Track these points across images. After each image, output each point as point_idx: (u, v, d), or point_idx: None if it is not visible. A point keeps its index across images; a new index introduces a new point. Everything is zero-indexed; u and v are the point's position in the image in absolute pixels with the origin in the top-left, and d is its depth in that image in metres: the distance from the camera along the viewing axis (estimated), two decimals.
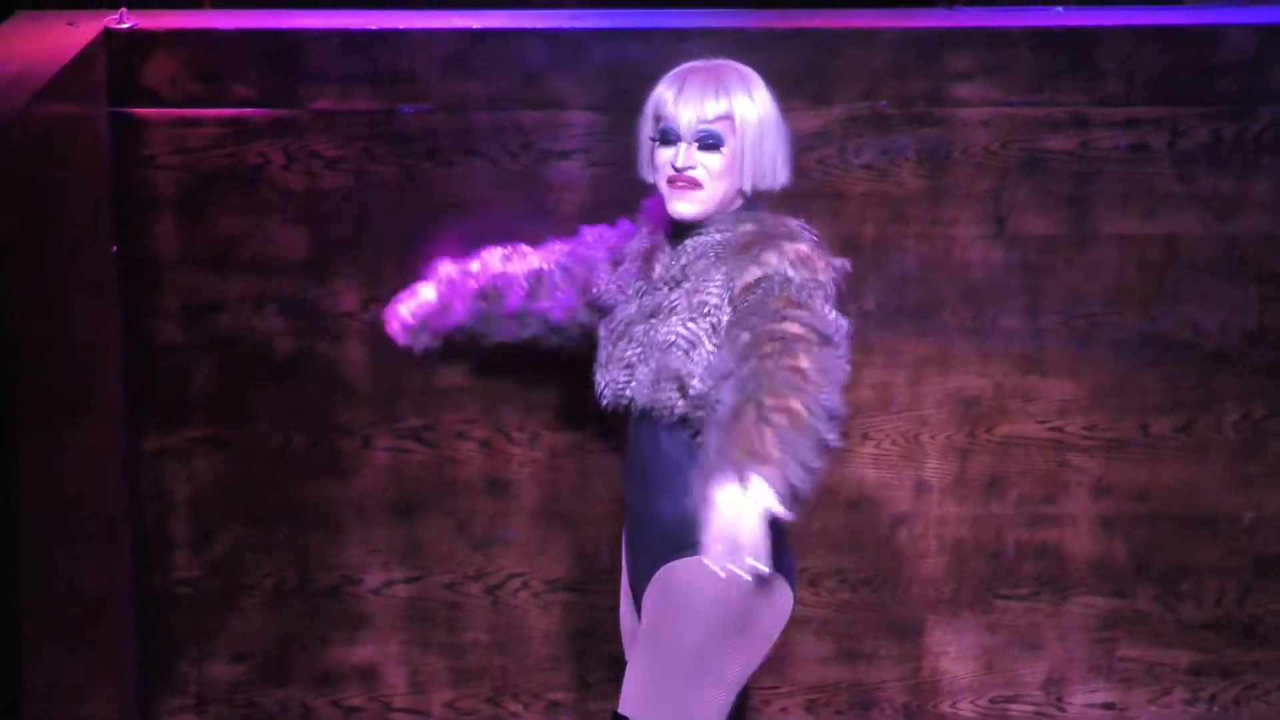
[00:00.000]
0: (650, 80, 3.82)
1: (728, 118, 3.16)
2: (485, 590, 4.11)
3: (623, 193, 3.80)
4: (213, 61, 3.98)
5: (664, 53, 3.89)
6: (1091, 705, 4.14)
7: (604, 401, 3.23)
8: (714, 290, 3.13)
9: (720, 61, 3.24)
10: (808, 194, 3.95)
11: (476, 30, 4.00)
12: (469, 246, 3.86)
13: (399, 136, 3.98)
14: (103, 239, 3.97)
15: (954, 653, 4.13)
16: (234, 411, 4.07)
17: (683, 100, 3.16)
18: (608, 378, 3.22)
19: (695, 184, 3.16)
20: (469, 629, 4.12)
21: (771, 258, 3.10)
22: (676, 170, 3.16)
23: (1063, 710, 4.14)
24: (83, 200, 3.87)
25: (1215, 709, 4.15)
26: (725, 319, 3.10)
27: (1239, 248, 4.01)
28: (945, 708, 4.15)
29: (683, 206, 3.18)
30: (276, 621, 4.14)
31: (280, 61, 3.98)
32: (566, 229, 3.82)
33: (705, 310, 3.13)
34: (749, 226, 3.17)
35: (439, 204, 4.00)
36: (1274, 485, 4.07)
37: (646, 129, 3.22)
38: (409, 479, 4.08)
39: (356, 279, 4.03)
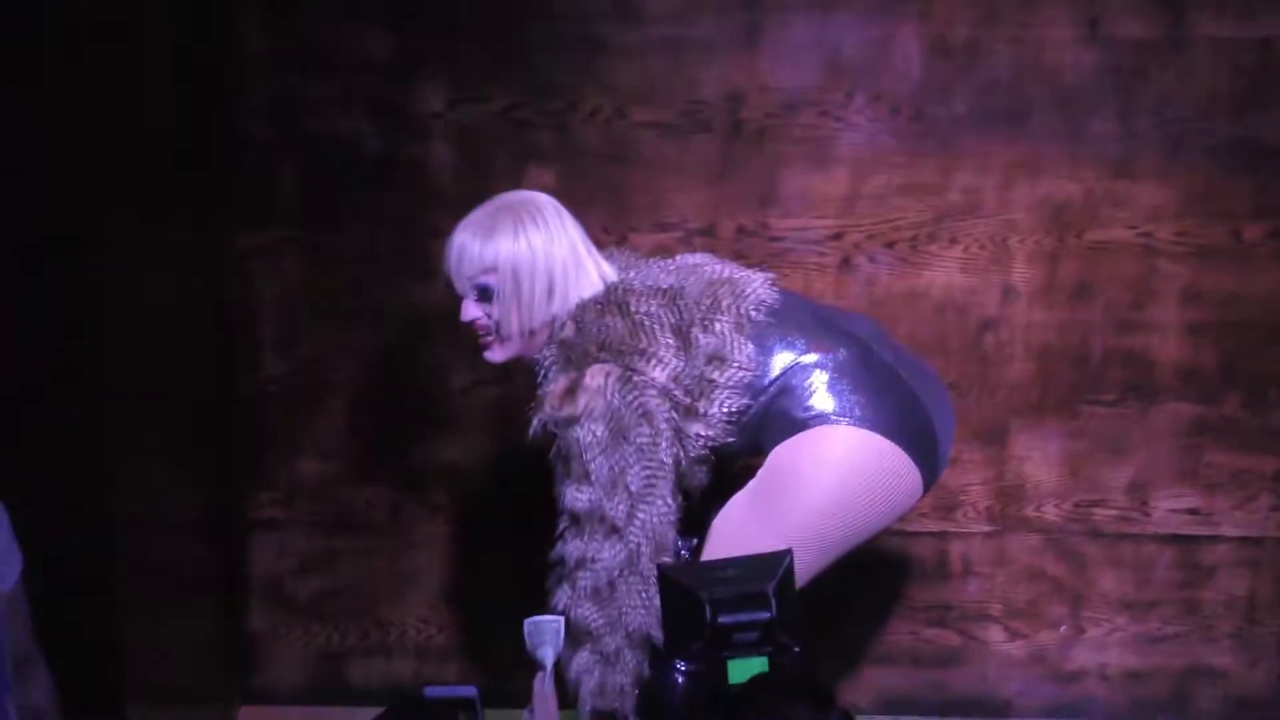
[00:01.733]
0: None
1: (493, 268, 3.23)
2: None
3: None
4: None
5: None
6: (1176, 510, 4.11)
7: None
8: None
9: (500, 202, 3.30)
10: None
11: None
12: (553, 48, 3.83)
13: None
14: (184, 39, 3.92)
15: (1038, 458, 4.10)
16: (320, 213, 4.05)
17: (454, 257, 3.27)
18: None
19: (488, 331, 3.28)
20: None
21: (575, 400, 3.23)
22: (473, 323, 3.29)
23: (1147, 515, 4.11)
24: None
25: None
26: None
27: None
28: (1029, 511, 4.13)
29: (490, 355, 3.32)
30: (364, 421, 4.15)
31: None
32: (653, 31, 3.78)
33: None
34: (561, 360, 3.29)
35: (523, 3, 3.92)
36: None
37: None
38: None
39: (442, 80, 3.97)
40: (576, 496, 3.19)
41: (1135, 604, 4.15)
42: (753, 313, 3.28)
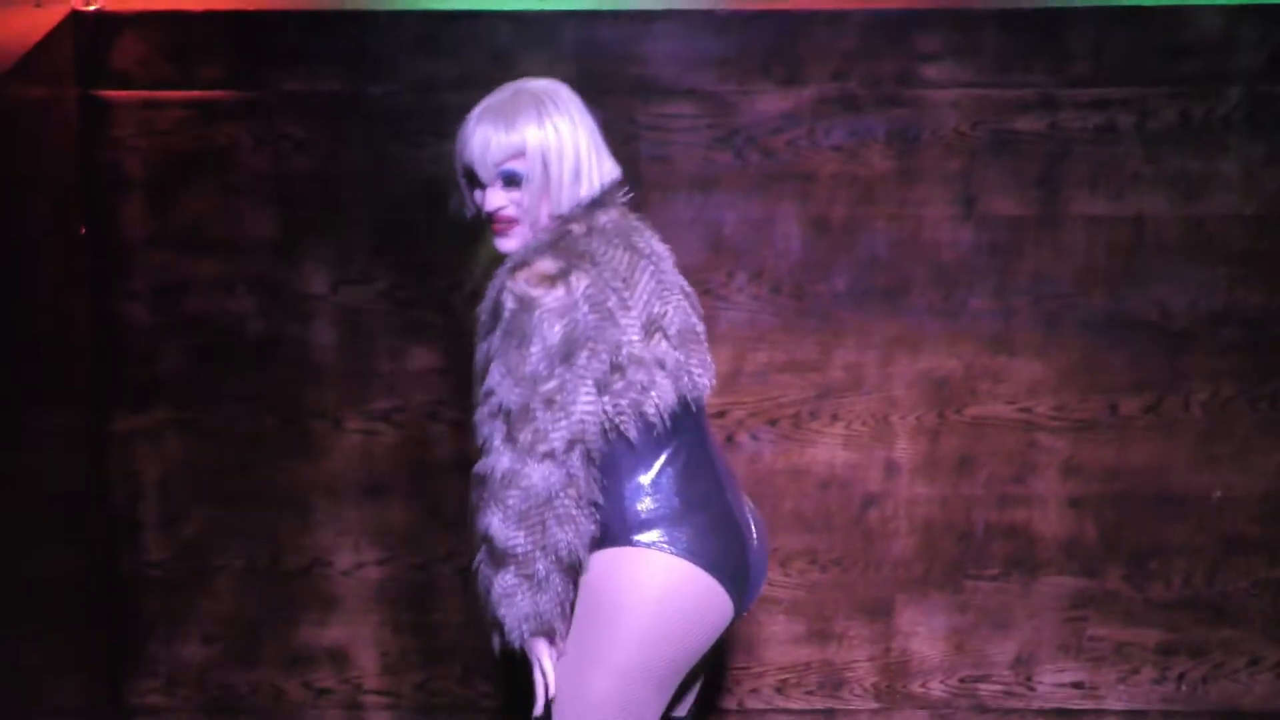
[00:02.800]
0: (619, 61, 3.89)
1: (521, 153, 3.19)
2: (456, 571, 4.12)
3: None
4: (181, 43, 3.98)
5: (632, 34, 3.94)
6: (1061, 684, 4.16)
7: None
8: None
9: (518, 88, 3.25)
10: (777, 175, 4.01)
11: (446, 11, 4.00)
12: (437, 228, 3.89)
13: (367, 118, 3.99)
14: (73, 221, 3.98)
15: (924, 633, 4.15)
16: (204, 393, 4.09)
17: (478, 144, 3.20)
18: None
19: (513, 221, 3.21)
20: (440, 610, 4.15)
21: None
22: (489, 213, 3.21)
23: (1032, 689, 4.17)
24: (52, 183, 3.89)
25: (1183, 687, 4.17)
26: None
27: (1206, 229, 4.02)
28: (915, 688, 4.17)
29: (506, 244, 3.23)
30: (247, 603, 4.16)
31: (249, 43, 3.98)
32: None
33: None
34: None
35: (407, 185, 4.01)
36: (1241, 464, 4.09)
37: (458, 170, 3.24)
38: (379, 460, 4.10)
39: (326, 261, 4.04)
40: (512, 389, 3.09)
41: None
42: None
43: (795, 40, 4.00)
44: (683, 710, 3.42)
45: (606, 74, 3.94)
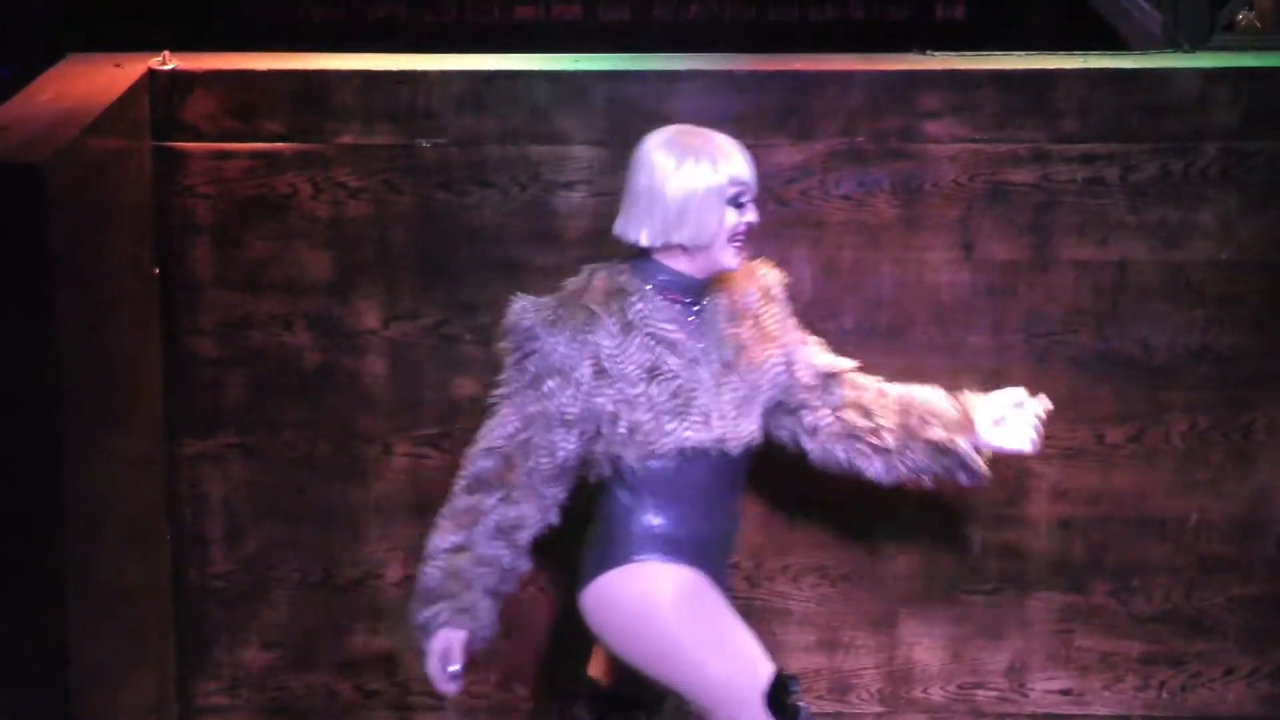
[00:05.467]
0: (647, 117, 4.15)
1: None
2: None
3: None
4: (246, 100, 4.24)
5: (658, 92, 4.22)
6: (1050, 691, 4.36)
7: (734, 450, 3.71)
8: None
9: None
10: (790, 222, 4.23)
11: (488, 71, 4.26)
12: (479, 269, 4.19)
13: (417, 168, 4.24)
14: (146, 262, 4.23)
15: (925, 643, 4.35)
16: (264, 420, 4.34)
17: (750, 165, 3.67)
18: (742, 429, 3.70)
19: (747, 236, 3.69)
20: None
21: None
22: (745, 228, 3.66)
23: (1025, 695, 4.37)
24: (128, 227, 4.13)
25: (1164, 695, 4.36)
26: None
27: (1185, 273, 4.22)
28: (917, 693, 4.37)
29: (740, 258, 3.70)
30: (304, 613, 4.39)
31: (308, 99, 4.24)
32: (570, 254, 4.17)
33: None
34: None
35: (453, 230, 4.27)
36: (1216, 490, 4.29)
37: (714, 197, 3.62)
38: (426, 481, 4.30)
39: (377, 298, 4.29)
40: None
41: None
42: None
43: (807, 98, 4.23)
44: None
45: (635, 129, 4.18)
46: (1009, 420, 3.82)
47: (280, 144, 4.27)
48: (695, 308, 3.72)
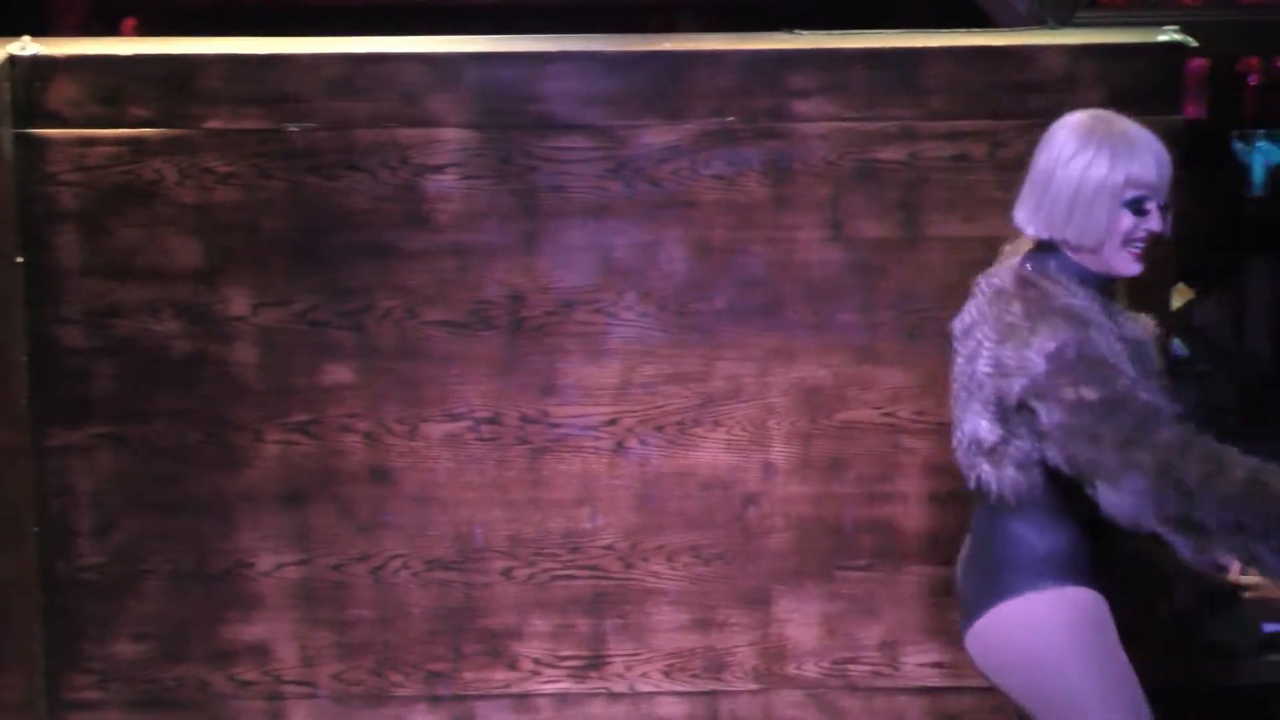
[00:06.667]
0: (518, 99, 4.16)
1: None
2: (369, 571, 4.35)
3: (493, 202, 4.16)
4: (111, 85, 4.19)
5: (529, 74, 4.21)
6: (923, 664, 4.40)
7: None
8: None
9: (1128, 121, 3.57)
10: (662, 203, 4.25)
11: (358, 54, 4.24)
12: (350, 254, 4.17)
13: (286, 153, 4.22)
14: (8, 250, 4.19)
15: (799, 620, 4.38)
16: (133, 410, 4.30)
17: (1161, 165, 3.48)
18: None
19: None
20: (354, 606, 4.37)
21: None
22: (1144, 235, 3.50)
23: (897, 669, 4.41)
24: None
25: None
26: None
27: None
28: (791, 669, 4.40)
29: (1140, 265, 3.54)
30: (175, 604, 4.36)
31: (174, 85, 4.20)
32: (441, 237, 4.18)
33: None
34: None
35: (323, 215, 4.25)
36: None
37: (1106, 196, 3.48)
38: (297, 469, 4.31)
39: (247, 285, 4.26)
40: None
41: None
42: None
43: (678, 79, 4.24)
44: None
45: (507, 111, 4.21)
46: None
47: (146, 130, 4.23)
48: (1112, 307, 3.59)
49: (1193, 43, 4.27)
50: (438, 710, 4.41)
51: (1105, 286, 3.63)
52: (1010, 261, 3.70)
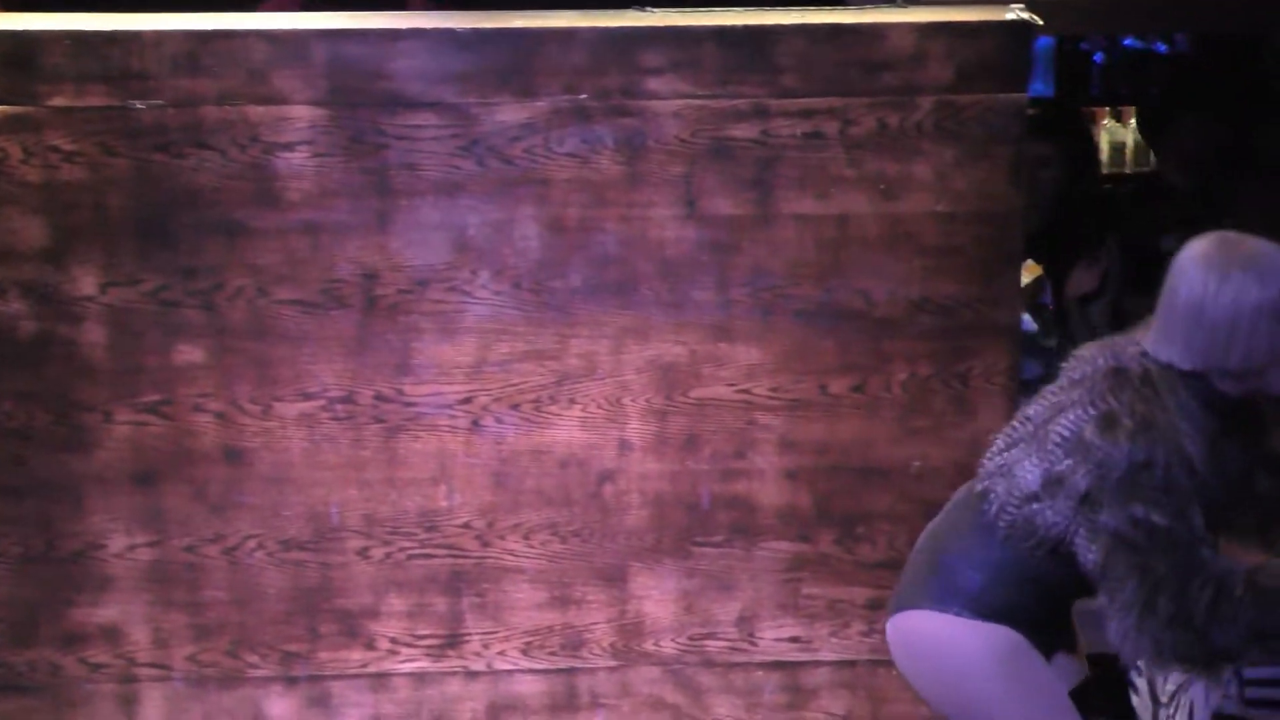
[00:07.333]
0: (368, 76, 4.14)
1: None
2: (223, 551, 4.33)
3: (345, 180, 4.14)
4: None
5: (379, 51, 4.20)
6: (780, 639, 4.43)
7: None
8: None
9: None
10: (515, 180, 4.24)
11: (204, 30, 4.20)
12: (200, 233, 4.13)
13: (132, 131, 4.17)
14: None
15: (656, 596, 4.40)
16: None
17: None
18: None
19: None
20: (208, 588, 4.34)
21: None
22: None
23: (754, 644, 4.44)
24: None
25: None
26: None
27: (903, 225, 4.30)
28: (649, 646, 4.42)
29: None
30: (25, 586, 4.31)
31: (16, 61, 4.14)
32: (291, 216, 4.17)
33: None
34: None
35: (171, 193, 4.21)
36: (937, 438, 4.38)
37: (1265, 318, 3.36)
38: (148, 450, 4.27)
39: (94, 264, 4.21)
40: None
41: None
42: None
43: (530, 56, 4.24)
44: None
45: (356, 89, 4.19)
46: None
47: None
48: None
49: (1039, 21, 4.33)
50: (294, 691, 4.40)
51: (1237, 409, 3.56)
52: (1146, 343, 3.58)
